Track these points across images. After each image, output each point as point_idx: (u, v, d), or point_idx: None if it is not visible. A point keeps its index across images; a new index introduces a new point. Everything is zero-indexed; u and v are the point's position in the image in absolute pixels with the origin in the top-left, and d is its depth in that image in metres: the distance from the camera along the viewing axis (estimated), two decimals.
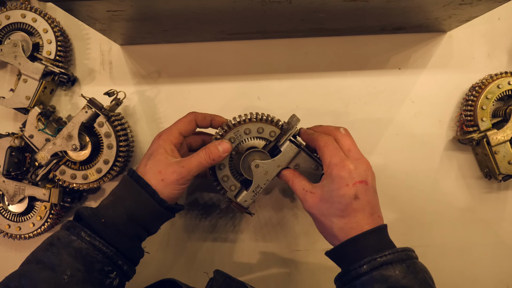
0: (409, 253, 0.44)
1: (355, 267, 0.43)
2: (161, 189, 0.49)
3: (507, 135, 0.60)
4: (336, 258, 0.49)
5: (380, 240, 0.46)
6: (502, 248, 0.66)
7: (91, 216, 0.47)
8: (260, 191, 0.54)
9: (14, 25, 0.63)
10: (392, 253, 0.43)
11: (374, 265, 0.42)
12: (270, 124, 0.53)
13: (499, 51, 0.66)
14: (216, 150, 0.51)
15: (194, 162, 0.50)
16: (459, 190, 0.66)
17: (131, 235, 0.49)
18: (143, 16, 0.52)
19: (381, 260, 0.43)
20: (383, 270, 0.42)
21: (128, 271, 0.49)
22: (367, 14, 0.55)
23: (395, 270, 0.42)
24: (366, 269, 0.43)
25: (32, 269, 0.45)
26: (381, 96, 0.66)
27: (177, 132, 0.53)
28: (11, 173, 0.62)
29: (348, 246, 0.45)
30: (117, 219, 0.48)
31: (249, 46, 0.66)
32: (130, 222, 0.48)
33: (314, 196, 0.48)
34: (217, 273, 0.54)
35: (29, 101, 0.62)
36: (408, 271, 0.42)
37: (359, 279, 0.43)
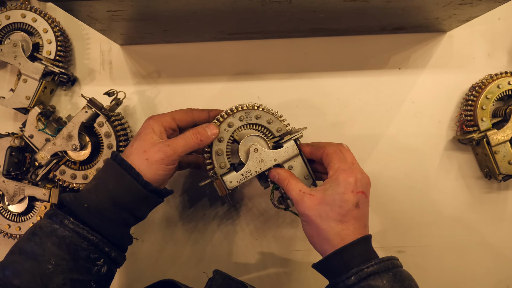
0: (394, 261, 0.45)
1: (343, 279, 0.43)
2: (145, 169, 0.47)
3: (507, 135, 0.60)
4: (323, 270, 0.48)
5: (366, 250, 0.46)
6: (502, 248, 0.66)
7: (73, 201, 0.46)
8: (249, 177, 0.52)
9: (14, 25, 0.63)
10: (378, 262, 0.43)
11: (362, 276, 0.43)
12: (280, 120, 0.54)
13: (499, 51, 0.66)
14: (204, 131, 0.50)
15: (180, 142, 0.49)
16: (459, 190, 0.66)
17: (117, 221, 0.47)
18: (143, 16, 0.52)
19: (368, 271, 0.43)
20: (371, 281, 0.42)
21: (116, 258, 0.48)
22: (367, 14, 0.55)
23: (382, 279, 0.42)
24: (354, 280, 0.43)
25: (15, 259, 0.44)
26: (381, 96, 0.66)
27: (170, 117, 0.53)
28: (11, 173, 0.62)
29: (335, 257, 0.45)
30: (101, 204, 0.46)
31: (249, 46, 0.66)
32: (114, 207, 0.47)
33: (313, 198, 0.47)
34: (216, 273, 0.54)
35: (29, 101, 0.62)
36: (395, 280, 0.43)
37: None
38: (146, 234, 0.66)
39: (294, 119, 0.66)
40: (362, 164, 0.65)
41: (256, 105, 0.54)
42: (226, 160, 0.53)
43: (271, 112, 0.55)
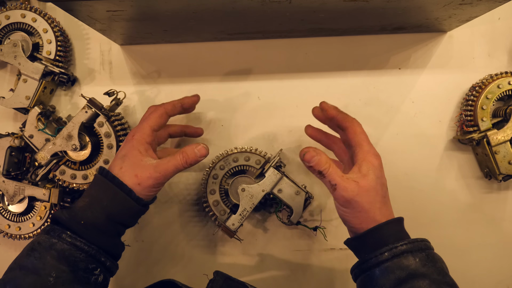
0: (427, 243, 0.46)
1: (376, 254, 0.45)
2: (138, 191, 0.50)
3: (507, 135, 0.60)
4: (356, 245, 0.49)
5: (399, 230, 0.48)
6: (502, 248, 0.66)
7: (70, 220, 0.48)
8: (246, 214, 0.57)
9: (14, 25, 0.63)
10: (411, 242, 0.45)
11: (395, 252, 0.44)
12: (255, 153, 0.61)
13: (499, 51, 0.66)
14: (193, 154, 0.51)
15: (170, 167, 0.50)
16: (459, 190, 0.66)
17: (111, 232, 0.50)
18: (143, 16, 0.52)
19: (402, 248, 0.44)
20: (404, 258, 0.44)
21: (111, 267, 0.50)
22: (367, 14, 0.55)
23: (415, 258, 0.44)
24: (387, 256, 0.44)
25: (16, 275, 0.45)
26: (381, 96, 0.66)
27: (150, 130, 0.53)
28: (11, 173, 0.62)
29: (371, 234, 0.46)
30: (96, 220, 0.48)
31: (249, 46, 0.66)
32: (109, 221, 0.49)
33: (359, 185, 0.47)
34: (216, 274, 0.54)
35: (29, 101, 0.62)
36: (427, 260, 0.44)
37: (379, 266, 0.44)
38: (146, 235, 0.66)
39: (294, 119, 0.66)
40: None
41: (230, 150, 0.62)
42: (224, 206, 0.60)
43: (246, 149, 0.61)
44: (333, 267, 0.66)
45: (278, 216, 0.60)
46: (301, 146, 0.65)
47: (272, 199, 0.61)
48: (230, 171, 0.61)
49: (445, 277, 0.44)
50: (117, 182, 0.49)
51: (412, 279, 0.42)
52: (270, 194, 0.58)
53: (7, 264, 0.67)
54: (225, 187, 0.62)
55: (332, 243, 0.66)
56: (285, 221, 0.60)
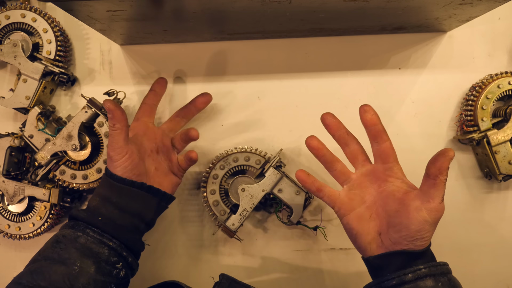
0: (448, 267, 0.46)
1: (399, 275, 0.44)
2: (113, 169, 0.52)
3: (508, 135, 0.60)
4: (379, 263, 0.47)
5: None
6: (502, 248, 0.66)
7: (89, 216, 0.50)
8: (246, 214, 0.58)
9: (14, 25, 0.63)
10: (434, 265, 0.44)
11: (419, 275, 0.43)
12: (255, 153, 0.61)
13: (500, 51, 0.66)
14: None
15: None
16: (459, 190, 0.66)
17: (129, 227, 0.52)
18: (143, 16, 0.52)
19: (425, 271, 0.43)
20: (427, 281, 0.43)
21: (132, 263, 0.52)
22: (367, 14, 0.55)
23: (437, 283, 0.43)
24: (411, 277, 0.43)
25: (42, 265, 0.47)
26: (381, 96, 0.66)
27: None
28: (11, 173, 0.62)
29: (399, 255, 0.45)
30: (112, 215, 0.51)
31: (249, 46, 0.66)
32: (124, 214, 0.51)
33: None
34: (222, 277, 0.54)
35: (29, 101, 0.62)
36: (449, 285, 0.44)
37: (401, 286, 0.43)
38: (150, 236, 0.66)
39: (294, 119, 0.66)
40: None
41: (230, 150, 0.62)
42: (224, 206, 0.60)
43: (246, 149, 0.61)
44: (333, 267, 0.66)
45: (278, 216, 0.60)
46: (301, 146, 0.65)
47: (272, 199, 0.61)
48: (230, 171, 0.61)
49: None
50: (117, 178, 0.51)
51: None
52: (270, 194, 0.58)
53: (7, 264, 0.68)
54: (225, 187, 0.62)
55: (332, 243, 0.65)
56: (285, 221, 0.60)
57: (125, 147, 0.52)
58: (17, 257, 0.67)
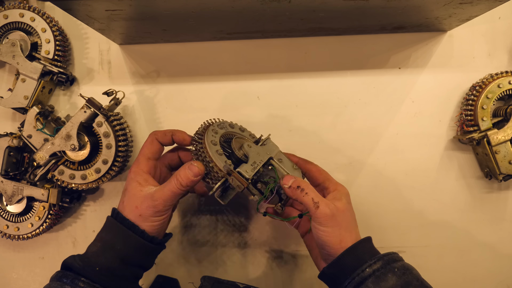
0: (399, 255, 0.48)
1: (358, 273, 0.45)
2: (141, 223, 0.48)
3: (508, 134, 0.60)
4: (334, 272, 0.48)
5: (371, 247, 0.50)
6: (502, 248, 0.66)
7: (84, 267, 0.47)
8: (257, 167, 0.50)
9: (12, 25, 0.62)
10: (387, 255, 0.47)
11: (375, 268, 0.45)
12: (247, 130, 0.57)
13: (500, 50, 0.66)
14: (185, 175, 0.48)
15: (166, 193, 0.48)
16: (459, 190, 0.66)
17: (128, 277, 0.49)
18: (142, 15, 0.52)
19: (380, 264, 0.45)
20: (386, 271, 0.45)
21: None
22: (367, 14, 0.54)
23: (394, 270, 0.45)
24: (369, 272, 0.45)
25: None
26: (381, 96, 0.66)
27: (145, 159, 0.53)
28: (9, 173, 0.61)
29: (351, 252, 0.47)
30: (111, 265, 0.47)
31: (248, 46, 0.66)
32: (124, 265, 0.48)
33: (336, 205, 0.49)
34: (204, 280, 0.53)
35: (28, 100, 0.61)
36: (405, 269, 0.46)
37: (363, 283, 0.44)
38: None
39: (294, 119, 0.66)
40: (362, 164, 0.66)
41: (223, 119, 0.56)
42: (227, 159, 0.50)
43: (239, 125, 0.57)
44: None
45: (262, 205, 0.52)
46: (300, 146, 0.65)
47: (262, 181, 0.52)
48: (226, 136, 0.55)
49: (423, 282, 0.46)
50: (128, 223, 0.48)
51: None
52: (269, 165, 0.53)
53: (6, 264, 0.67)
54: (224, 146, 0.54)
55: None
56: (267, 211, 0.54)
57: (172, 205, 0.50)
58: (15, 257, 0.67)
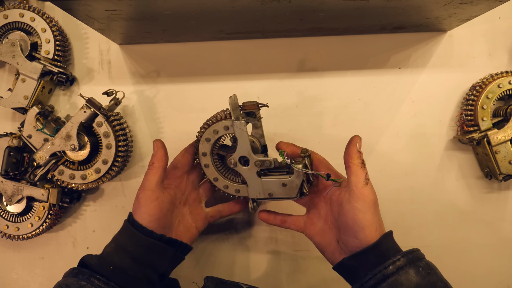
0: (421, 253, 0.47)
1: (381, 270, 0.43)
2: (138, 214, 0.50)
3: (508, 134, 0.60)
4: (354, 264, 0.47)
5: (394, 243, 0.48)
6: (503, 248, 0.66)
7: (99, 265, 0.48)
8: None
9: (12, 25, 0.62)
10: (410, 252, 0.45)
11: (399, 266, 0.43)
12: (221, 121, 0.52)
13: (500, 50, 0.66)
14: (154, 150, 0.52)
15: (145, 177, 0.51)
16: (459, 190, 0.66)
17: (141, 278, 0.49)
18: (142, 15, 0.52)
19: (404, 261, 0.44)
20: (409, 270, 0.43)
21: None
22: (367, 13, 0.54)
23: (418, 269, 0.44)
24: (392, 270, 0.43)
25: None
26: (381, 96, 0.66)
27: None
28: (9, 173, 0.61)
29: (377, 248, 0.45)
30: (124, 265, 0.48)
31: (248, 46, 0.66)
32: (137, 265, 0.48)
33: None
34: (207, 280, 0.53)
35: (28, 100, 0.61)
36: (429, 269, 0.45)
37: (385, 281, 0.43)
38: None
39: (294, 119, 0.66)
40: None
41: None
42: (235, 184, 0.54)
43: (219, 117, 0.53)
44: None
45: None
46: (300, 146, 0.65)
47: None
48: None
49: (447, 284, 0.45)
50: (137, 225, 0.49)
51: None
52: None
53: (6, 264, 0.67)
54: None
55: None
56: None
57: (157, 191, 0.50)
58: (15, 257, 0.67)
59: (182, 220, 0.55)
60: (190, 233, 0.55)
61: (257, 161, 0.51)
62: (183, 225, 0.55)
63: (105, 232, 0.66)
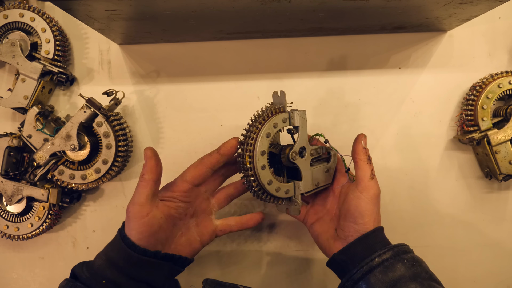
0: (409, 247, 0.49)
1: (367, 262, 0.46)
2: (128, 229, 0.47)
3: (508, 134, 0.60)
4: (344, 258, 0.49)
5: (384, 237, 0.50)
6: (503, 248, 0.66)
7: (91, 279, 0.46)
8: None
9: (12, 25, 0.62)
10: (397, 246, 0.47)
11: (385, 258, 0.46)
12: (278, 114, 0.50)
13: (500, 50, 0.66)
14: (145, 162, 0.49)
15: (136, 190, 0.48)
16: (459, 190, 0.66)
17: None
18: (142, 15, 0.52)
19: (390, 254, 0.46)
20: (395, 262, 0.45)
21: None
22: (367, 13, 0.54)
23: (403, 261, 0.46)
24: (378, 261, 0.45)
25: None
26: (381, 96, 0.66)
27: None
28: (9, 173, 0.61)
29: (365, 239, 0.48)
30: (117, 280, 0.46)
31: (248, 46, 0.66)
32: (130, 280, 0.46)
33: None
34: (206, 283, 0.52)
35: (27, 100, 0.61)
36: (414, 261, 0.46)
37: (372, 272, 0.45)
38: None
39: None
40: None
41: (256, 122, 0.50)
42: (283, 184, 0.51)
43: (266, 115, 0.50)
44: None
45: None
46: None
47: None
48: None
49: (432, 276, 0.46)
50: (128, 243, 0.46)
51: (405, 279, 0.44)
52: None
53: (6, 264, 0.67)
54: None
55: None
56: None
57: (147, 206, 0.47)
58: (15, 257, 0.67)
59: (186, 233, 0.52)
60: (192, 247, 0.52)
61: (312, 149, 0.53)
62: (186, 238, 0.52)
63: (105, 232, 0.66)
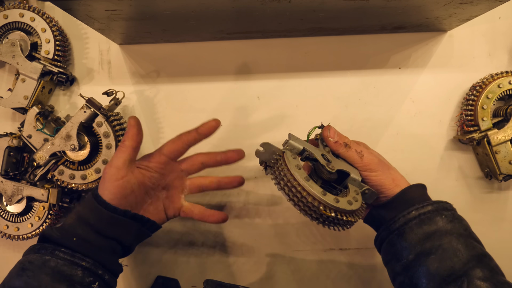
0: (451, 205, 0.49)
1: (404, 214, 0.47)
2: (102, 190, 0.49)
3: (508, 134, 0.60)
4: (382, 213, 0.50)
5: (424, 193, 0.51)
6: (503, 248, 0.65)
7: (62, 237, 0.47)
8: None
9: (12, 25, 0.62)
10: (437, 202, 0.48)
11: (422, 211, 0.47)
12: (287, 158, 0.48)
13: (500, 50, 0.66)
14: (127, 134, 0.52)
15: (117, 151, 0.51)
16: (459, 190, 0.66)
17: (106, 248, 0.49)
18: (142, 15, 0.52)
19: (428, 208, 0.47)
20: (431, 216, 0.46)
21: (110, 282, 0.48)
22: (367, 13, 0.54)
23: (441, 216, 0.46)
24: (415, 214, 0.46)
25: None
26: (381, 96, 0.66)
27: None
28: (9, 173, 0.61)
29: (402, 195, 0.49)
30: (88, 236, 0.47)
31: (248, 46, 0.66)
32: (101, 237, 0.48)
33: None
34: (206, 283, 0.53)
35: (27, 100, 0.61)
36: (453, 217, 0.47)
37: (407, 224, 0.46)
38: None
39: (294, 119, 0.66)
40: None
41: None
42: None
43: None
44: (333, 267, 0.66)
45: None
46: None
47: None
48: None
49: (471, 234, 0.47)
50: (100, 200, 0.49)
51: (440, 233, 0.45)
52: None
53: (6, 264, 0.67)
54: None
55: (332, 243, 0.65)
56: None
57: (123, 170, 0.50)
58: (15, 257, 0.67)
59: (155, 202, 0.55)
60: (158, 216, 0.55)
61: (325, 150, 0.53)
62: (154, 206, 0.55)
63: None
